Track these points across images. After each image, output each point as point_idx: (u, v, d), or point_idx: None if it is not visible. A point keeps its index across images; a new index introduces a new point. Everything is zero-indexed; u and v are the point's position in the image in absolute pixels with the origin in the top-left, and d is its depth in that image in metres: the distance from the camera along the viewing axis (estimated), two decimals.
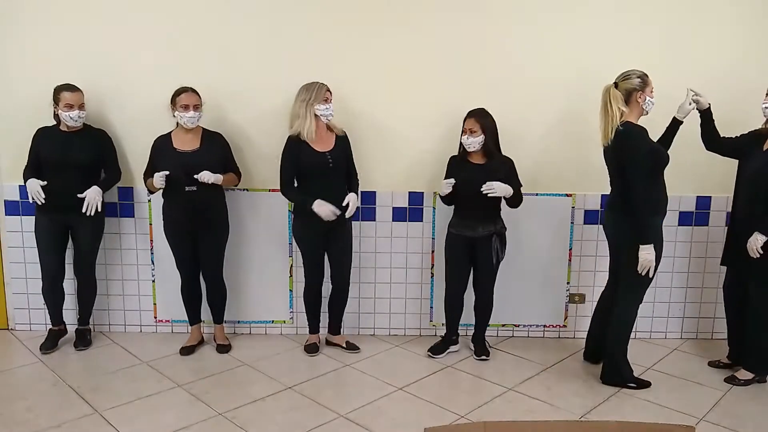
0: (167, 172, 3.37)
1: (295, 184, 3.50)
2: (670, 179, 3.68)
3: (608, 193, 3.35)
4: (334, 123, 3.50)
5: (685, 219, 3.86)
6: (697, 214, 3.85)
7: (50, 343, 3.65)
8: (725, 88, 3.56)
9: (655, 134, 3.32)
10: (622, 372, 3.30)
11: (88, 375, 3.35)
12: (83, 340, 3.72)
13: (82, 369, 3.41)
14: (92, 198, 3.46)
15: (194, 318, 3.77)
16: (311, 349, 3.70)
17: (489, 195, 3.35)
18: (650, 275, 3.15)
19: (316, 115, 3.37)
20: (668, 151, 3.27)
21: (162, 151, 3.50)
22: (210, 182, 3.40)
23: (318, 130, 3.41)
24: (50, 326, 3.74)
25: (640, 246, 3.08)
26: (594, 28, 3.66)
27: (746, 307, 3.34)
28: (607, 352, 3.33)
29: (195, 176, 3.39)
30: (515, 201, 3.49)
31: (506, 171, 3.43)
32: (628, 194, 3.10)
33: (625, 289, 3.26)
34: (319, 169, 3.42)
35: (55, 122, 3.55)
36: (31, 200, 3.48)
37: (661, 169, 3.16)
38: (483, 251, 3.51)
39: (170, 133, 3.52)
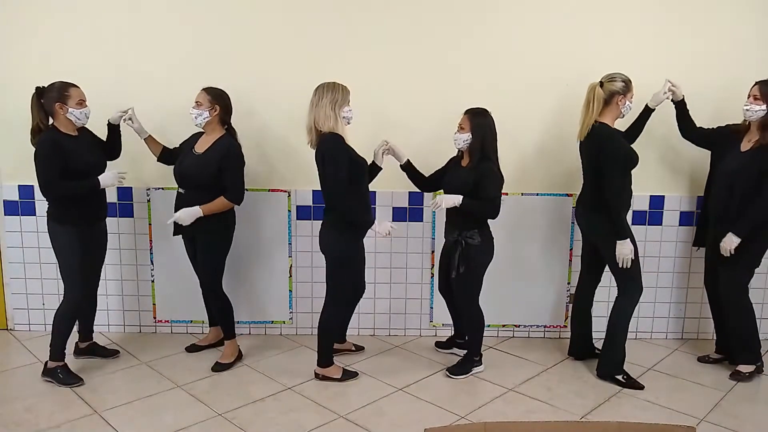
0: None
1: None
2: (671, 179, 3.68)
3: None
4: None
5: (686, 219, 3.86)
6: (699, 215, 3.83)
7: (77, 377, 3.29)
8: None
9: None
10: (617, 362, 3.33)
11: (87, 375, 3.33)
12: (105, 350, 3.61)
13: (81, 369, 3.39)
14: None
15: (210, 319, 3.75)
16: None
17: (434, 209, 3.20)
18: (636, 264, 3.23)
19: (343, 117, 3.12)
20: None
21: (185, 145, 3.38)
22: (182, 224, 3.22)
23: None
24: (74, 349, 3.49)
25: (617, 242, 3.17)
26: (595, 28, 3.66)
27: (721, 299, 3.42)
28: (608, 347, 3.34)
29: (168, 221, 3.27)
30: (476, 212, 3.22)
31: (475, 178, 3.18)
32: (600, 192, 3.18)
33: (622, 283, 3.30)
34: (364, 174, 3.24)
35: (40, 129, 3.13)
36: (119, 183, 3.25)
37: (631, 169, 3.23)
38: (451, 259, 3.31)
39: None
